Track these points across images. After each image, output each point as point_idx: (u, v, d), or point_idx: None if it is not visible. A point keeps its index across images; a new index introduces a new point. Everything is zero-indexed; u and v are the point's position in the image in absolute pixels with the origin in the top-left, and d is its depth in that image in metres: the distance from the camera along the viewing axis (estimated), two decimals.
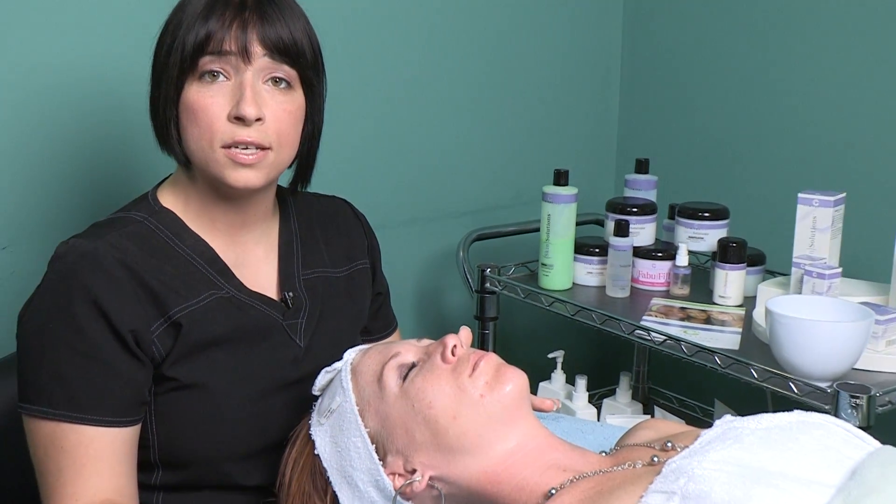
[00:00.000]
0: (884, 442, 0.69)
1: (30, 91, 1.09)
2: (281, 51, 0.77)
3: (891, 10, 1.28)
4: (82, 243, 0.76)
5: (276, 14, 0.77)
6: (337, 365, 0.80)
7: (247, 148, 0.76)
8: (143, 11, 0.82)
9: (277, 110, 0.77)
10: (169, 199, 0.83)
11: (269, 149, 0.77)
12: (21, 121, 1.10)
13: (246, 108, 0.75)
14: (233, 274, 0.83)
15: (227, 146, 0.76)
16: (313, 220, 0.92)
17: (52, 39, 1.10)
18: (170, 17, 0.79)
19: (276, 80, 0.78)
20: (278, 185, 0.88)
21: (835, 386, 0.94)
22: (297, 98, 0.79)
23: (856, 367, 0.98)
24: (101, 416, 0.74)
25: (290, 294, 0.85)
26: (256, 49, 0.76)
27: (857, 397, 0.92)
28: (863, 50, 1.32)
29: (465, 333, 0.77)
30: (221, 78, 0.76)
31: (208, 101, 0.76)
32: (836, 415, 0.92)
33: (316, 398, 0.81)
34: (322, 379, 0.80)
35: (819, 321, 0.96)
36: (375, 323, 0.97)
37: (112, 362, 0.75)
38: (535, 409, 0.78)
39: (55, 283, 0.76)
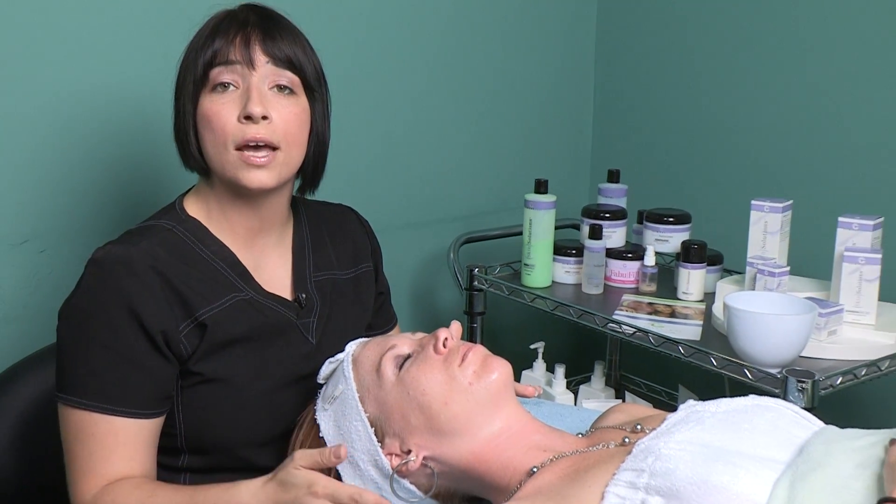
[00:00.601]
0: (826, 422, 0.70)
1: (67, 112, 1.09)
2: (283, 59, 0.78)
3: (822, 42, 1.29)
4: (118, 249, 0.76)
5: (276, 32, 0.78)
6: (339, 356, 0.80)
7: (258, 149, 0.76)
8: (169, 40, 0.83)
9: (283, 112, 0.77)
10: (193, 208, 0.83)
11: (278, 148, 0.77)
12: (58, 138, 1.10)
13: (253, 108, 0.75)
14: (251, 277, 0.82)
15: (240, 147, 0.76)
16: (323, 226, 0.91)
17: (91, 67, 1.10)
18: (183, 54, 0.80)
19: (280, 87, 0.78)
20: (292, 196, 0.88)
21: (784, 372, 0.95)
22: (301, 102, 0.79)
23: (802, 355, 0.99)
24: (129, 408, 0.75)
25: (303, 295, 0.85)
26: (260, 57, 0.77)
27: (803, 382, 0.93)
28: (803, 80, 1.33)
29: (456, 327, 0.77)
30: (231, 88, 0.77)
31: (220, 107, 0.76)
32: (785, 398, 0.92)
33: (321, 386, 0.80)
34: (326, 369, 0.80)
35: (770, 314, 0.96)
36: (378, 319, 0.97)
37: (141, 361, 0.75)
38: (519, 395, 0.78)
39: (93, 285, 0.75)
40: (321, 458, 0.68)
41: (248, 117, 0.75)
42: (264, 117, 0.76)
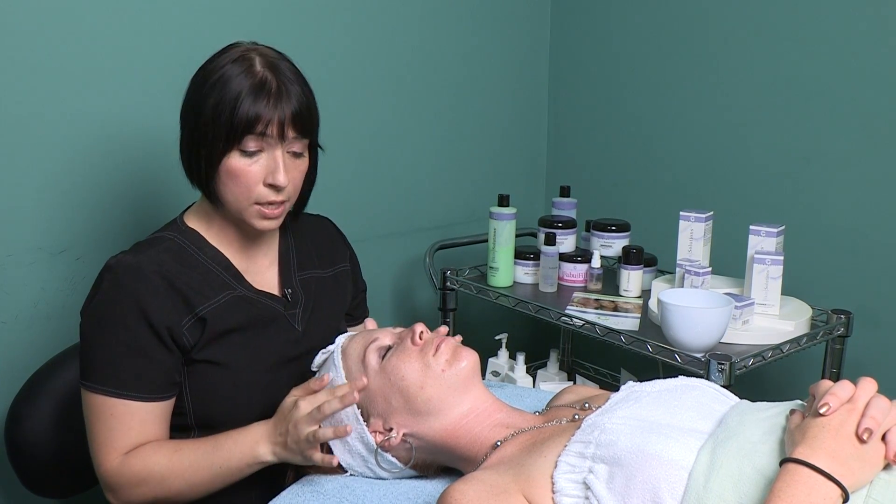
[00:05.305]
0: (741, 397, 0.71)
1: (94, 146, 1.08)
2: (304, 127, 0.76)
3: (733, 87, 1.33)
4: (128, 258, 0.76)
5: (295, 93, 0.75)
6: (330, 348, 0.80)
7: (274, 205, 0.77)
8: (182, 78, 0.81)
9: (295, 174, 0.78)
10: (193, 221, 0.83)
11: (286, 201, 0.78)
12: (88, 166, 1.09)
13: (280, 179, 0.75)
14: (243, 277, 0.82)
15: (260, 203, 0.76)
16: (305, 233, 0.91)
17: (110, 110, 1.09)
18: (205, 91, 0.74)
19: (295, 154, 0.77)
20: None
21: (707, 356, 0.96)
22: (305, 160, 0.80)
23: (721, 341, 1.01)
24: (142, 393, 0.74)
25: (290, 291, 0.85)
26: (290, 132, 0.75)
27: (723, 364, 0.94)
28: (721, 115, 1.36)
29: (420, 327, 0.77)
30: (258, 153, 0.75)
31: (248, 169, 0.75)
32: (708, 378, 0.94)
33: (314, 373, 0.80)
34: (319, 358, 0.80)
35: (696, 308, 0.98)
36: (357, 311, 0.97)
37: (150, 354, 0.74)
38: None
39: (108, 289, 0.75)
40: (310, 385, 0.73)
41: (274, 186, 0.75)
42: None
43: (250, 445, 0.73)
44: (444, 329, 0.77)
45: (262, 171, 0.76)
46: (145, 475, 0.73)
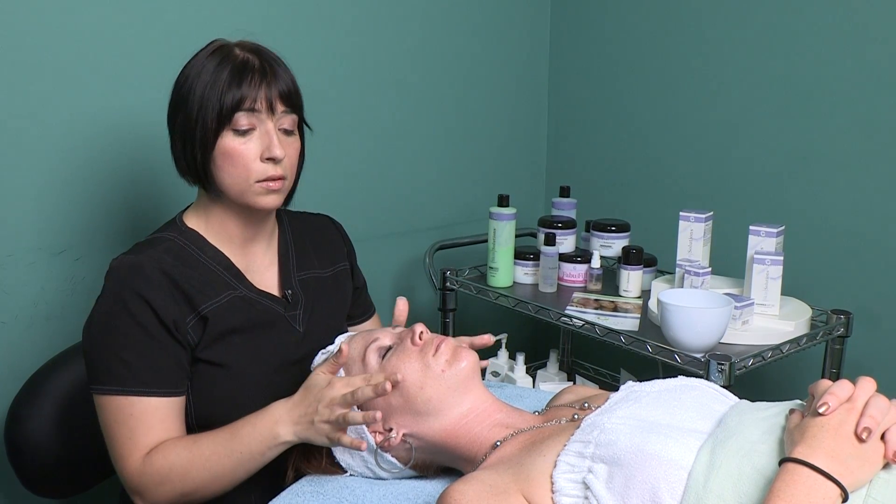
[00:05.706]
0: (741, 397, 0.71)
1: (93, 147, 1.09)
2: (292, 102, 0.78)
3: (731, 89, 1.33)
4: (130, 258, 0.76)
5: (280, 71, 0.78)
6: (330, 348, 0.80)
7: (274, 180, 0.78)
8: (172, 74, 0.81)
9: (290, 150, 0.79)
10: (192, 221, 0.83)
11: (285, 177, 0.79)
12: (88, 167, 1.09)
13: (277, 151, 0.76)
14: (244, 277, 0.82)
15: (260, 180, 0.77)
16: (304, 233, 0.91)
17: (105, 114, 1.09)
18: (189, 84, 0.76)
19: (286, 131, 0.79)
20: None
21: (706, 356, 0.96)
22: (298, 138, 0.81)
23: (721, 341, 1.01)
24: (161, 388, 0.74)
25: (290, 291, 0.85)
26: (279, 106, 0.77)
27: (722, 364, 0.94)
28: (721, 116, 1.37)
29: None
30: (251, 131, 0.77)
31: (243, 147, 0.76)
32: (708, 378, 0.94)
33: None
34: (319, 359, 0.80)
35: (695, 308, 0.98)
36: (356, 310, 0.97)
37: (164, 344, 0.75)
38: (476, 346, 0.78)
39: (113, 289, 0.75)
40: (336, 360, 0.72)
41: (272, 159, 0.77)
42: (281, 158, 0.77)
43: (269, 426, 0.71)
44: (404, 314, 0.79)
45: (257, 148, 0.77)
46: (167, 471, 0.72)
